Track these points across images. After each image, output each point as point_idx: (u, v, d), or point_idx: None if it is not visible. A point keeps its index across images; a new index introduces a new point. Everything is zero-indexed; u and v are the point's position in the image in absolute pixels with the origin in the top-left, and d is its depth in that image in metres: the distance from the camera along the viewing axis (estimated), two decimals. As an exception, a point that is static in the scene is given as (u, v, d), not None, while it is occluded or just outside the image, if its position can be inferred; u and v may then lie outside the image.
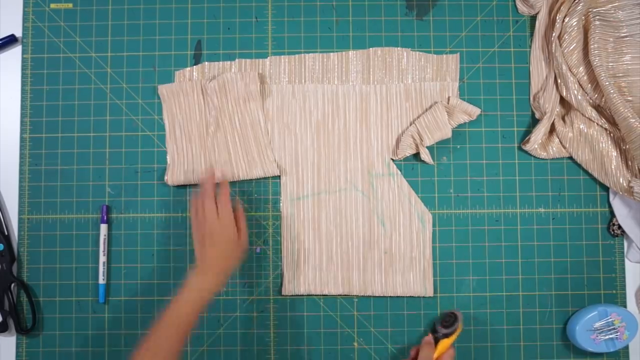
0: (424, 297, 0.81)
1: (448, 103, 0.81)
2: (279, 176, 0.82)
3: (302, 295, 0.81)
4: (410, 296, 0.81)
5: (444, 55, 0.83)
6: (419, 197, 0.82)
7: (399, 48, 0.83)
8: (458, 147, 0.83)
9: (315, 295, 0.81)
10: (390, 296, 0.81)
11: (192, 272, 0.71)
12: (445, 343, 0.75)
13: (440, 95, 0.82)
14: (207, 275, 0.71)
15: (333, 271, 0.81)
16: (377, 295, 0.81)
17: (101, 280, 0.80)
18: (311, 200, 0.81)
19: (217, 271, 0.71)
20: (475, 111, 0.80)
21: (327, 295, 0.81)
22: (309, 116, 0.82)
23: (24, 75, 0.83)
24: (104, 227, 0.81)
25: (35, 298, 0.81)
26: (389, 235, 0.81)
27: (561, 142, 0.82)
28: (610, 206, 0.82)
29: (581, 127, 0.81)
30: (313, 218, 0.82)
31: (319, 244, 0.81)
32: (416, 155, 0.82)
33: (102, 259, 0.80)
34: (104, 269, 0.80)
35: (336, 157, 0.82)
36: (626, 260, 0.82)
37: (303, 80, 0.83)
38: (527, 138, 0.81)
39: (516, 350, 0.81)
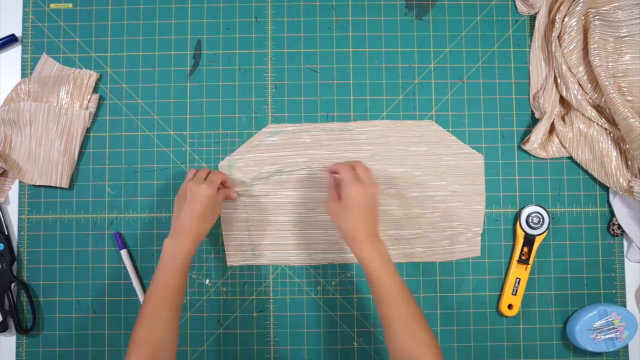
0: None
1: None
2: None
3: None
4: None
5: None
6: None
7: None
8: (458, 147, 0.83)
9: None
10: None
11: (167, 238, 0.71)
12: None
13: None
14: (181, 239, 0.70)
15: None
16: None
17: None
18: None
19: (191, 234, 0.70)
20: None
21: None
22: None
23: (23, 75, 0.83)
24: (124, 253, 0.80)
25: (35, 298, 0.81)
26: None
27: (561, 142, 0.82)
28: (610, 206, 0.82)
29: (581, 127, 0.81)
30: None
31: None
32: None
33: (136, 283, 0.80)
34: (141, 289, 0.81)
35: None
36: (626, 260, 0.82)
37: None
38: (526, 138, 0.81)
39: (516, 350, 0.81)
